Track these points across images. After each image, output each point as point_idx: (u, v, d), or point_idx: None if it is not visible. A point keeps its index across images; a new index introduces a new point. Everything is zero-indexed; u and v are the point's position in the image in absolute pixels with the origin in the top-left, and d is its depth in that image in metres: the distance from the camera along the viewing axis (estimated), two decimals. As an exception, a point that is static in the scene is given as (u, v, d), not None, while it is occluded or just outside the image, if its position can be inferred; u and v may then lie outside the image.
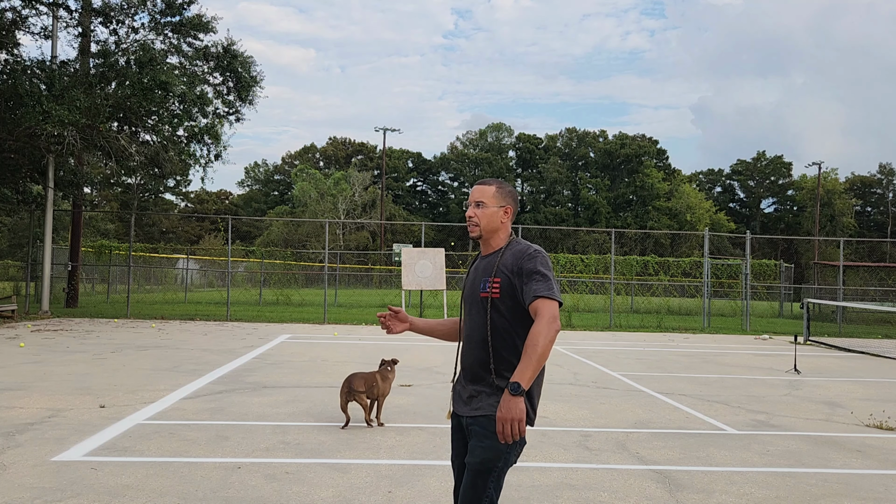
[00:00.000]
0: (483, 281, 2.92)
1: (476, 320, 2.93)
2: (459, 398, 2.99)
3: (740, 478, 5.35)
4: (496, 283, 2.88)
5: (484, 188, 3.01)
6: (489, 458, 2.79)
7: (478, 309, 2.92)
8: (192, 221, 68.60)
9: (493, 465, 2.79)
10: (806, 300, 18.40)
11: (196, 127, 19.69)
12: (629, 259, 32.61)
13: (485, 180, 3.06)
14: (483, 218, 2.98)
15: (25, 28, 18.49)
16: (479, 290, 2.93)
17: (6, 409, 7.00)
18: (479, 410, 2.85)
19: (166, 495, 4.54)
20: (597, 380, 10.12)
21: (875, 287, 27.72)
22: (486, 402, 2.84)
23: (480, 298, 2.91)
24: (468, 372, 2.96)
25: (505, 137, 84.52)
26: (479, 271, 3.00)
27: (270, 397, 7.97)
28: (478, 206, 2.98)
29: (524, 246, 2.94)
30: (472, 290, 2.99)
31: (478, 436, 2.83)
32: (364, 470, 5.23)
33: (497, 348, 2.86)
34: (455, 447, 3.05)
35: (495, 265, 2.92)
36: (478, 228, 2.98)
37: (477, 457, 2.81)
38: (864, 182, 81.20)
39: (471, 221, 3.00)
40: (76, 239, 22.14)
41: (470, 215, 3.00)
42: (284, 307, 25.29)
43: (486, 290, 2.90)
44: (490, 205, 2.98)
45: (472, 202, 3.00)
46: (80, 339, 13.59)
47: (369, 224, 63.23)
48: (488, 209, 2.98)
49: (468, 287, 3.03)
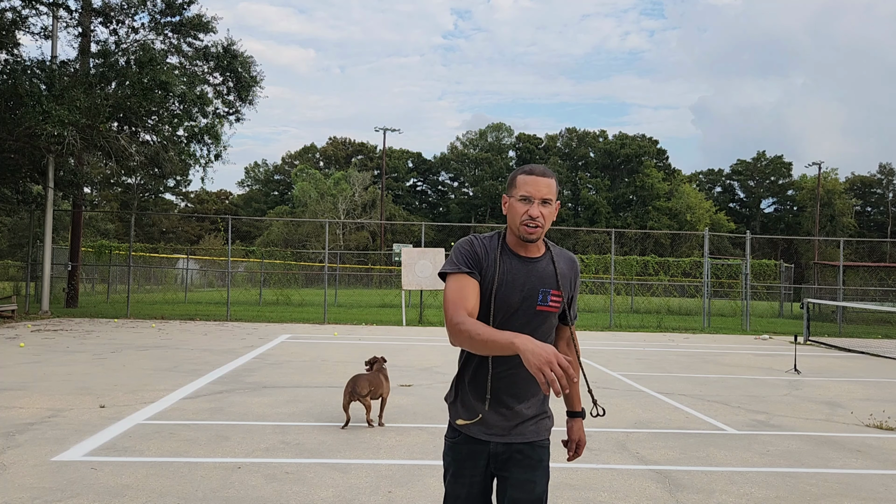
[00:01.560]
0: (542, 292, 2.48)
1: (526, 333, 2.40)
2: (494, 423, 2.52)
3: (740, 478, 5.34)
4: (558, 298, 2.51)
5: (550, 182, 2.45)
6: (545, 488, 2.57)
7: (530, 321, 2.47)
8: (192, 221, 68.60)
9: (547, 490, 2.63)
10: (806, 300, 18.40)
11: (196, 127, 19.69)
12: (629, 259, 32.59)
13: (544, 170, 2.47)
14: (548, 219, 2.46)
15: (25, 28, 18.50)
16: (535, 300, 2.47)
17: (6, 409, 7.00)
18: (542, 435, 2.56)
19: (166, 495, 4.54)
20: (597, 380, 10.12)
21: (875, 287, 27.71)
22: (545, 427, 2.58)
23: (538, 312, 2.48)
24: (516, 392, 2.51)
25: (505, 137, 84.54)
26: (526, 276, 2.49)
27: (270, 397, 7.97)
28: (545, 203, 2.44)
29: (570, 255, 2.61)
30: (521, 297, 2.47)
31: (532, 464, 2.52)
32: (364, 470, 5.23)
33: None
34: (471, 475, 2.56)
35: (554, 275, 2.51)
36: (541, 231, 2.45)
37: (541, 487, 2.52)
38: (864, 182, 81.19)
39: (535, 222, 2.42)
40: (76, 239, 22.14)
41: (535, 215, 2.42)
42: (284, 307, 25.29)
43: (547, 304, 2.48)
44: (553, 202, 2.47)
45: (539, 199, 2.42)
46: (80, 339, 13.59)
47: (369, 224, 63.23)
48: (552, 207, 2.47)
49: (513, 290, 2.48)
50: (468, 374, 2.57)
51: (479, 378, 2.54)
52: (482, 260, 2.49)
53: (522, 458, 2.51)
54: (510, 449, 2.51)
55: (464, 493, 2.56)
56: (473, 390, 2.55)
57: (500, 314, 2.48)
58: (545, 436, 2.57)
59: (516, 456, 2.50)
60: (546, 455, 2.57)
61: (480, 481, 2.56)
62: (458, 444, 2.57)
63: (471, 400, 2.55)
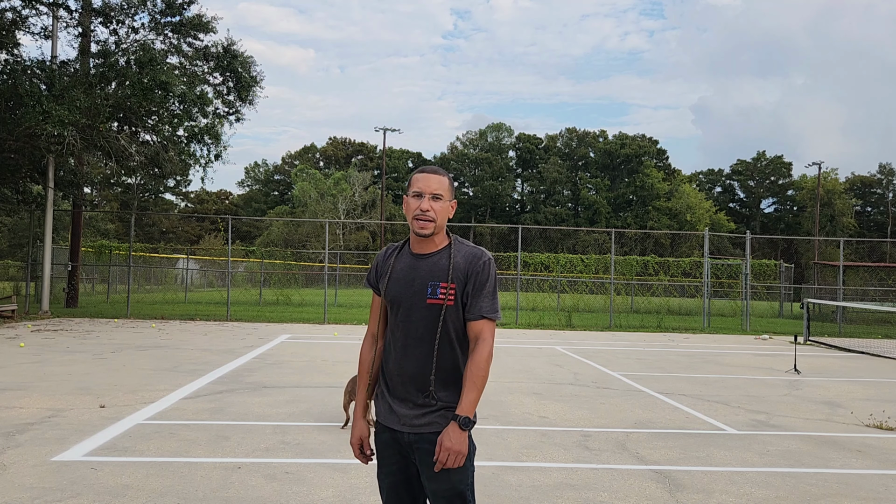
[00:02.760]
0: (432, 285, 2.59)
1: (418, 327, 2.59)
2: (390, 409, 2.67)
3: (740, 478, 5.34)
4: (451, 290, 2.58)
5: (441, 178, 2.63)
6: (463, 478, 2.60)
7: (422, 315, 2.59)
8: (192, 221, 68.61)
9: (469, 482, 2.63)
10: (806, 300, 18.40)
11: (196, 127, 19.68)
12: (629, 259, 32.60)
13: (435, 169, 2.67)
14: (440, 213, 2.61)
15: (25, 28, 18.50)
16: (424, 294, 2.59)
17: (6, 409, 7.00)
18: (431, 427, 2.60)
19: (166, 495, 4.54)
20: (597, 380, 10.12)
21: (875, 287, 27.71)
22: (436, 419, 2.61)
23: (428, 304, 2.58)
24: (403, 381, 2.63)
25: (505, 137, 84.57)
26: (417, 271, 2.63)
27: (270, 397, 7.97)
28: (435, 198, 2.61)
29: (475, 250, 2.67)
30: (411, 292, 2.62)
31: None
32: (364, 470, 5.23)
33: (441, 360, 2.60)
34: (387, 462, 2.70)
35: (448, 269, 2.60)
36: (433, 225, 2.60)
37: (452, 478, 2.58)
38: (864, 182, 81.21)
39: (426, 216, 2.59)
40: (76, 239, 22.14)
41: (426, 209, 2.59)
42: (284, 307, 25.29)
43: (437, 297, 2.58)
44: (446, 198, 2.64)
45: (429, 194, 2.60)
46: (80, 339, 13.59)
47: (369, 224, 63.23)
48: (444, 203, 2.63)
49: (403, 286, 2.64)
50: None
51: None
52: (381, 267, 2.76)
53: (430, 448, 2.59)
54: (414, 437, 2.62)
55: (388, 477, 2.71)
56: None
57: (394, 310, 2.66)
58: (437, 429, 2.59)
59: (423, 445, 2.60)
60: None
61: (395, 461, 2.70)
62: (378, 433, 2.76)
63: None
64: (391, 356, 2.68)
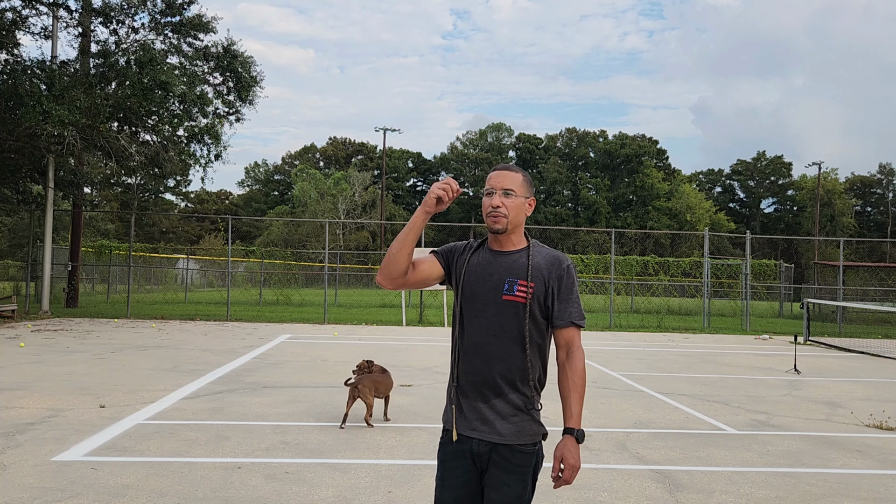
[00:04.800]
0: (509, 281, 2.53)
1: (492, 323, 2.52)
2: (466, 419, 2.54)
3: (740, 478, 5.35)
4: (530, 288, 2.52)
5: (513, 175, 2.58)
6: (524, 494, 2.50)
7: (499, 312, 2.52)
8: (192, 221, 68.60)
9: (530, 498, 2.53)
10: (806, 300, 18.40)
11: (196, 127, 19.70)
12: (629, 259, 32.60)
13: (509, 166, 2.62)
14: (512, 209, 2.55)
15: (25, 28, 18.50)
16: (500, 289, 2.52)
17: (6, 409, 7.00)
18: (520, 438, 2.49)
19: (166, 495, 4.54)
20: (597, 380, 10.12)
21: (875, 287, 27.72)
22: (525, 426, 2.50)
23: (503, 301, 2.51)
24: (484, 387, 2.53)
25: (505, 137, 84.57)
26: (495, 267, 2.57)
27: (270, 397, 7.97)
28: (507, 194, 2.55)
29: (557, 253, 2.61)
30: (487, 287, 2.55)
31: (508, 467, 2.48)
32: (364, 470, 5.23)
33: (513, 360, 2.51)
34: (453, 475, 2.55)
35: (526, 267, 2.54)
36: (505, 220, 2.54)
37: (514, 491, 2.47)
38: (864, 182, 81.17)
39: (497, 212, 2.54)
40: (76, 239, 22.15)
41: (496, 204, 2.54)
42: (284, 307, 25.29)
43: (513, 294, 2.51)
44: (519, 194, 2.57)
45: (499, 189, 2.56)
46: (80, 339, 13.59)
47: (369, 224, 63.23)
48: (517, 199, 2.56)
49: (479, 280, 2.58)
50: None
51: (454, 375, 2.62)
52: (457, 254, 2.68)
53: (500, 460, 2.49)
54: (491, 449, 2.50)
55: (452, 491, 2.55)
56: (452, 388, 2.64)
57: (468, 303, 2.57)
58: (525, 440, 2.50)
59: (494, 457, 2.49)
60: (528, 462, 2.50)
61: (463, 475, 2.54)
62: (444, 443, 2.61)
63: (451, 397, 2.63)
64: (462, 356, 2.58)
